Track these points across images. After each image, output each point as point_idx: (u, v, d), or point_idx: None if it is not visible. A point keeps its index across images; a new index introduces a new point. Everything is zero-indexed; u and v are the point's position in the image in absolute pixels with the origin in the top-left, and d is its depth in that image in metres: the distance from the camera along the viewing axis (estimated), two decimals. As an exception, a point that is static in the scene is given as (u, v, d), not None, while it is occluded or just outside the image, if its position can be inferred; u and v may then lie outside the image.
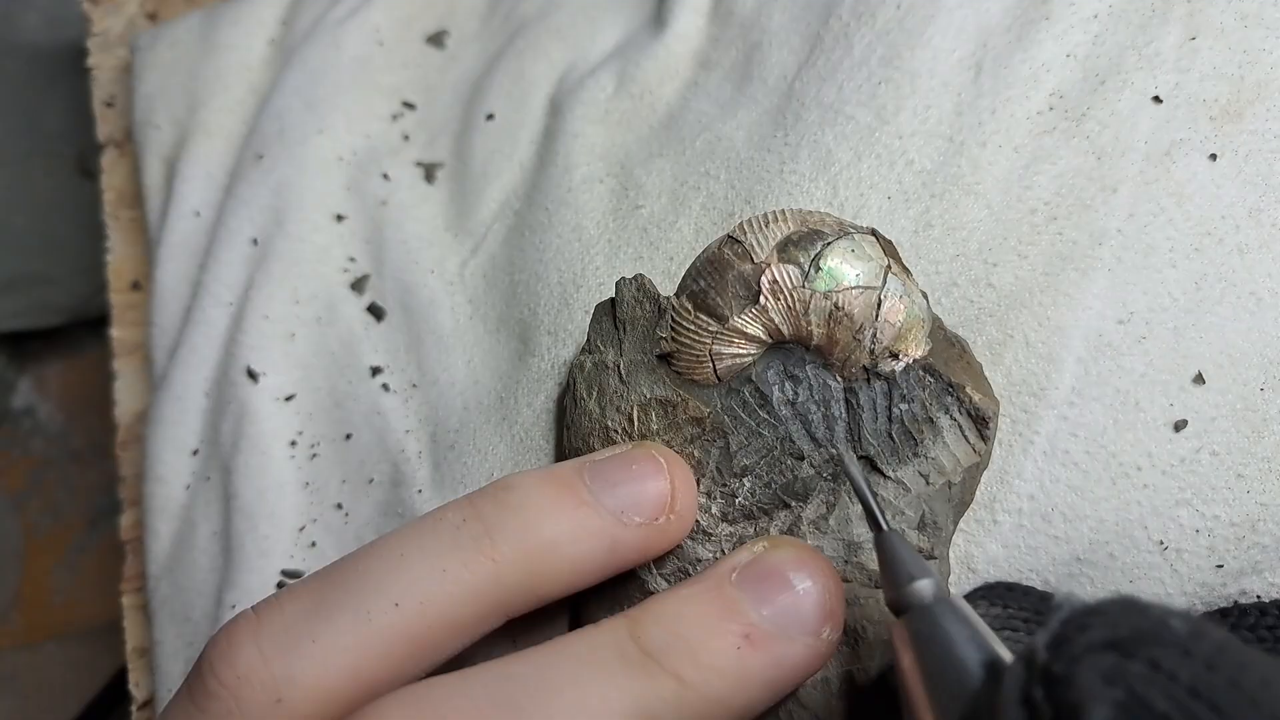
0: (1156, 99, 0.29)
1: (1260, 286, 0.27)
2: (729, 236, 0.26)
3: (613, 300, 0.28)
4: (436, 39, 0.40)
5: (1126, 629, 0.15)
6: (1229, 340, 0.26)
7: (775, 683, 0.21)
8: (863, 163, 0.31)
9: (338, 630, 0.20)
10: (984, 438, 0.25)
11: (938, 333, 0.26)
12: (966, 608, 0.20)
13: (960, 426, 0.25)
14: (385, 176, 0.39)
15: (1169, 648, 0.14)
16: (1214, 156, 0.28)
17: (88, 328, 0.86)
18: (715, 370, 0.25)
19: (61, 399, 0.90)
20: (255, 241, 0.39)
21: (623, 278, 0.27)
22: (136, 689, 0.39)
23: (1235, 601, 0.26)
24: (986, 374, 0.27)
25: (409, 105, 0.41)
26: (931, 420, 0.25)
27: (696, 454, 0.26)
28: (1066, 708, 0.14)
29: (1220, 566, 0.26)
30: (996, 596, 0.25)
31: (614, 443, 0.26)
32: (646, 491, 0.23)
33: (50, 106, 0.75)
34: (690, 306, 0.26)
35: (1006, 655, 0.18)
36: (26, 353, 0.89)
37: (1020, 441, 0.27)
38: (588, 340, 0.28)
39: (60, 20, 0.74)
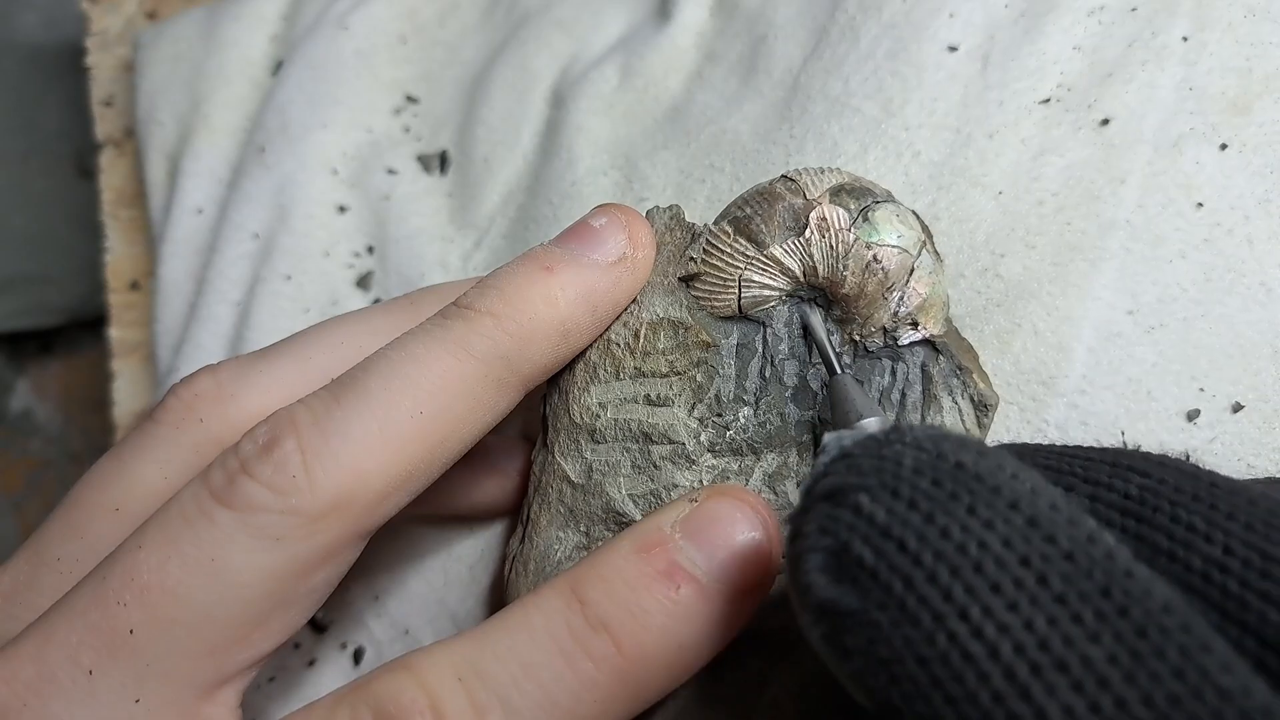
0: (1164, 91, 0.29)
1: (1270, 277, 0.27)
2: (784, 176, 0.26)
3: None
4: None
5: (852, 474, 0.15)
6: (1239, 331, 0.26)
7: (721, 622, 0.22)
8: (869, 155, 0.31)
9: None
10: (981, 426, 0.25)
11: (952, 326, 0.26)
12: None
13: (960, 410, 0.25)
14: (388, 170, 0.39)
15: (878, 490, 0.14)
16: (1223, 148, 0.28)
17: (86, 328, 0.85)
18: (740, 298, 0.25)
19: (60, 400, 0.90)
20: (258, 237, 0.39)
21: (656, 206, 0.27)
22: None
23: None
24: (994, 362, 0.27)
25: (411, 99, 0.41)
26: (936, 398, 0.25)
27: (699, 378, 0.26)
28: (793, 560, 0.15)
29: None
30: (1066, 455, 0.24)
31: (612, 355, 0.26)
32: (609, 249, 0.25)
33: (48, 106, 0.74)
34: (730, 230, 0.25)
35: None
36: (24, 354, 0.88)
37: (1029, 429, 0.27)
38: None
39: (58, 19, 0.73)
